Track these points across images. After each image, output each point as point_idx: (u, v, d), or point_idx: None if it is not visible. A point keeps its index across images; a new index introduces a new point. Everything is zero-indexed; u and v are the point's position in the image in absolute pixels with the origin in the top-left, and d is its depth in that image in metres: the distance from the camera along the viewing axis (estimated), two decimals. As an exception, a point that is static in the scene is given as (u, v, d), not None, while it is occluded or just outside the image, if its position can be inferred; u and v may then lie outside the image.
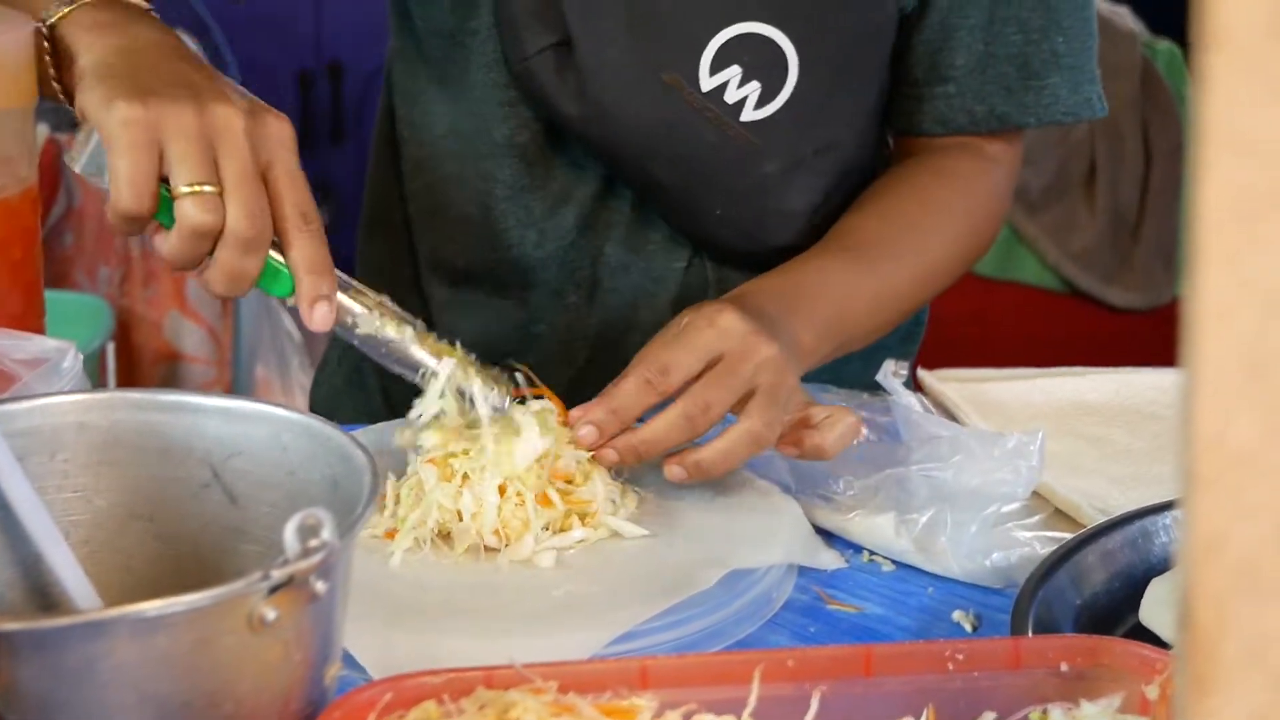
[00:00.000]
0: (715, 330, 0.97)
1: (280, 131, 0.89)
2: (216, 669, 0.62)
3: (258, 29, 3.20)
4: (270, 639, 0.63)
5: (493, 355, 1.07)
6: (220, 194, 0.86)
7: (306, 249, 0.89)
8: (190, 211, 0.86)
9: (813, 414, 1.00)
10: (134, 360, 2.65)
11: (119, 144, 0.85)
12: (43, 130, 2.61)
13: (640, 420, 0.96)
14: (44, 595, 0.74)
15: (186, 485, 0.77)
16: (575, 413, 0.96)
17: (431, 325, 1.30)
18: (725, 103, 1.15)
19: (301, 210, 0.89)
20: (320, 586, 0.63)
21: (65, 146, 2.68)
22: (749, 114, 1.15)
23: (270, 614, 0.62)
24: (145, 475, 0.77)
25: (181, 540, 0.78)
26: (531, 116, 1.19)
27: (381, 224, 1.32)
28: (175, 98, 0.87)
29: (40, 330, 0.98)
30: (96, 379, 2.36)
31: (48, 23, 0.93)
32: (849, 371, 1.31)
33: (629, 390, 0.96)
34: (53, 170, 2.55)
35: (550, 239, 1.22)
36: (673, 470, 0.97)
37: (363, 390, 1.34)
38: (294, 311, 0.91)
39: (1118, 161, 2.83)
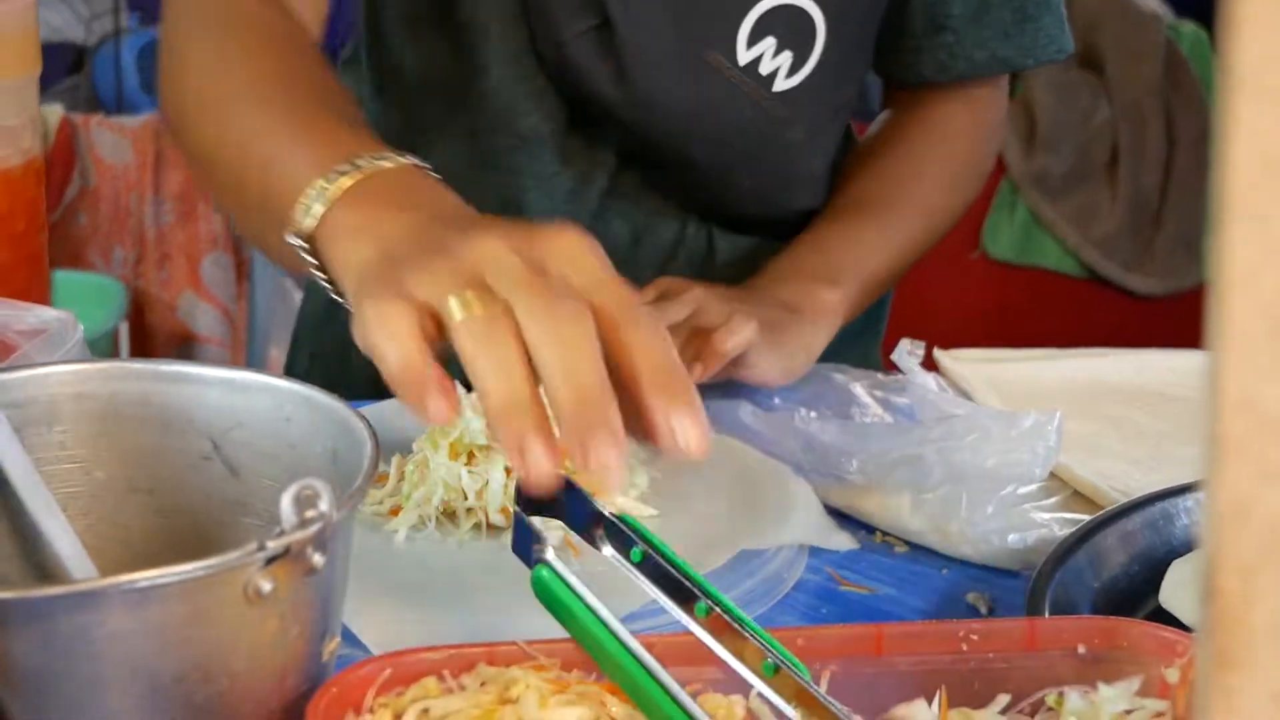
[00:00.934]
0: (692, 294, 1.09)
1: (566, 245, 0.70)
2: (211, 642, 0.60)
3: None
4: (266, 612, 0.61)
5: None
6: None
7: (643, 343, 0.67)
8: (456, 315, 0.65)
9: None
10: (148, 341, 2.64)
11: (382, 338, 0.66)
12: (57, 109, 2.60)
13: None
14: (41, 569, 0.72)
15: (187, 457, 0.76)
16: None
17: None
18: (760, 75, 1.15)
19: (622, 303, 0.68)
20: (318, 559, 0.62)
21: (81, 126, 2.68)
22: (781, 84, 1.16)
23: (266, 585, 0.60)
24: (145, 447, 0.76)
25: (181, 513, 0.76)
26: (557, 105, 1.17)
27: None
28: (424, 266, 0.67)
29: (44, 303, 0.97)
30: (110, 356, 2.35)
31: (296, 236, 0.78)
32: (853, 346, 1.30)
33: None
34: (67, 149, 2.54)
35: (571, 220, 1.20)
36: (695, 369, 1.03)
37: (348, 366, 1.32)
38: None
39: (1140, 147, 2.81)
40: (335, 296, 0.77)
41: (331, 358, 1.33)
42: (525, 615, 0.82)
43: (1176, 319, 2.84)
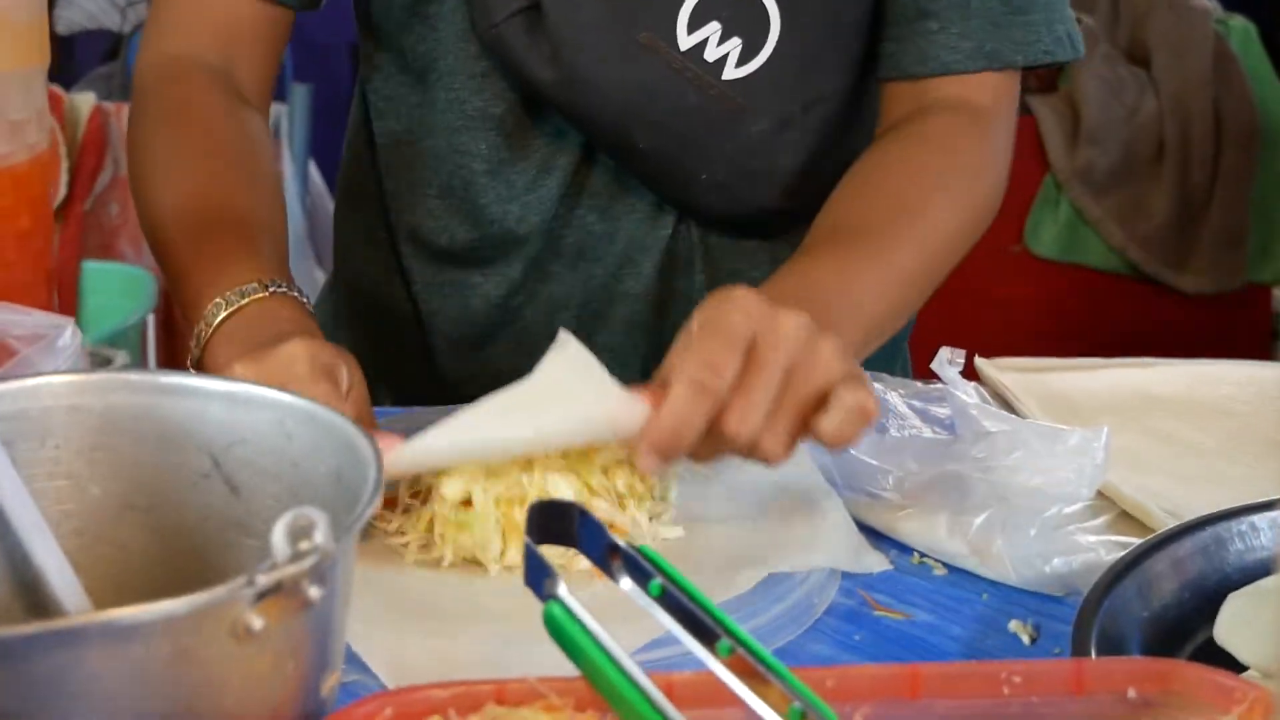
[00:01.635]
0: (736, 310, 0.85)
1: (283, 355, 0.86)
2: (198, 681, 0.56)
3: (309, -3, 3.15)
4: (258, 649, 0.57)
5: (475, 332, 1.02)
6: None
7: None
8: None
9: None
10: (177, 333, 2.61)
11: None
12: (90, 97, 2.57)
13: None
14: (30, 590, 0.69)
15: (185, 474, 0.72)
16: (637, 441, 0.83)
17: (415, 306, 1.27)
18: (705, 61, 1.09)
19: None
20: (314, 592, 0.58)
21: (114, 114, 2.65)
22: (731, 72, 1.10)
23: (257, 623, 0.56)
24: (142, 463, 0.72)
25: (180, 533, 0.73)
26: (506, 87, 1.14)
27: (358, 199, 1.28)
28: None
29: (49, 303, 0.94)
30: (138, 350, 2.33)
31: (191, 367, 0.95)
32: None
33: (680, 404, 0.82)
34: (99, 137, 2.51)
35: (533, 212, 1.17)
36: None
37: None
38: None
39: (1187, 142, 2.75)
40: None
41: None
42: (541, 643, 0.78)
43: (1222, 319, 2.79)
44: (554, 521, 0.67)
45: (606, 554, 0.66)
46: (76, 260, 2.40)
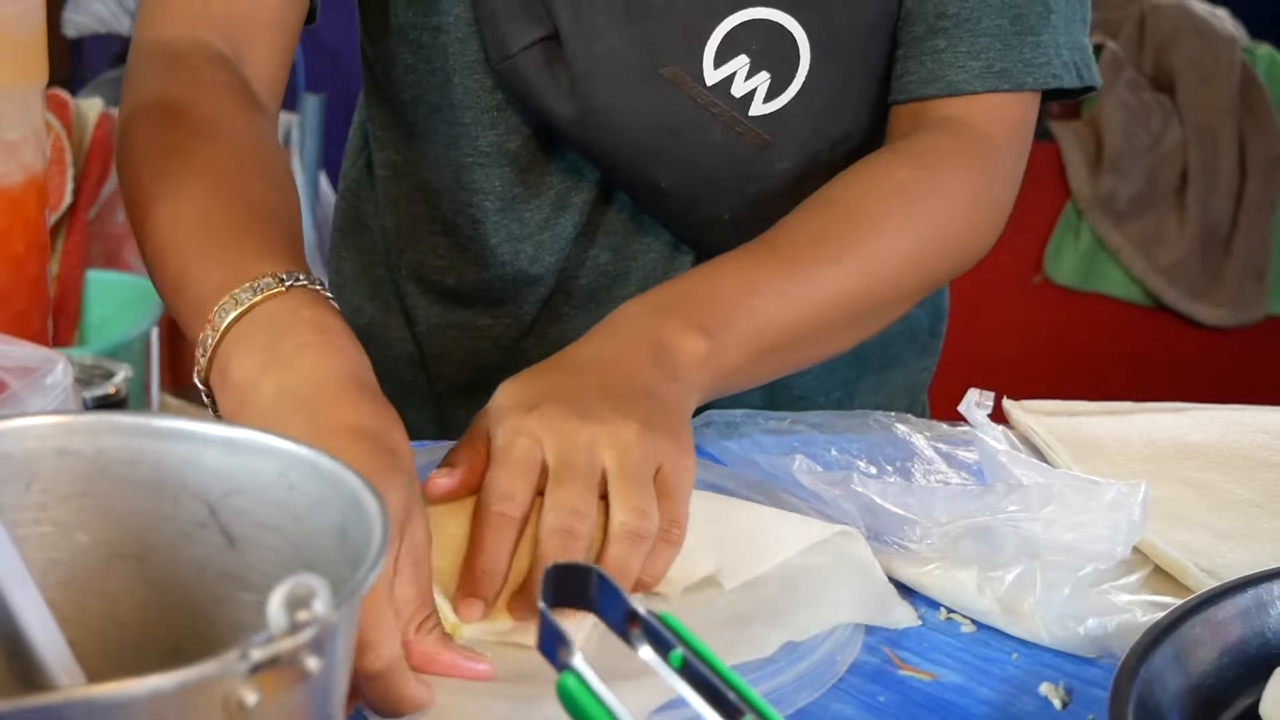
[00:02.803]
0: (526, 436, 0.83)
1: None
2: (186, 760, 0.52)
3: (323, 4, 3.12)
4: (251, 724, 0.53)
5: (482, 376, 0.97)
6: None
7: (415, 654, 0.76)
8: None
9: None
10: (182, 344, 2.57)
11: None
12: (97, 103, 2.54)
13: None
14: (12, 644, 0.65)
15: (179, 523, 0.68)
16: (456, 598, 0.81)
17: (417, 346, 1.21)
18: (733, 97, 1.04)
19: (410, 605, 0.75)
20: (313, 664, 0.54)
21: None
22: (758, 108, 1.05)
23: (251, 698, 0.52)
24: (133, 510, 0.68)
25: (173, 585, 0.69)
26: (521, 121, 1.09)
27: (356, 232, 1.23)
28: None
29: (44, 331, 0.90)
30: (141, 363, 2.29)
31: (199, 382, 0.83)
32: (863, 386, 1.21)
33: (485, 540, 0.81)
34: (105, 145, 2.47)
35: (546, 252, 1.12)
36: None
37: None
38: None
39: (1211, 171, 2.71)
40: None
41: None
42: (558, 702, 0.75)
43: (1244, 352, 2.75)
44: (570, 585, 0.63)
45: (625, 621, 0.62)
46: (80, 270, 2.36)
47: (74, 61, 3.17)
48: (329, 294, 0.84)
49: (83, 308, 2.37)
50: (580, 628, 0.76)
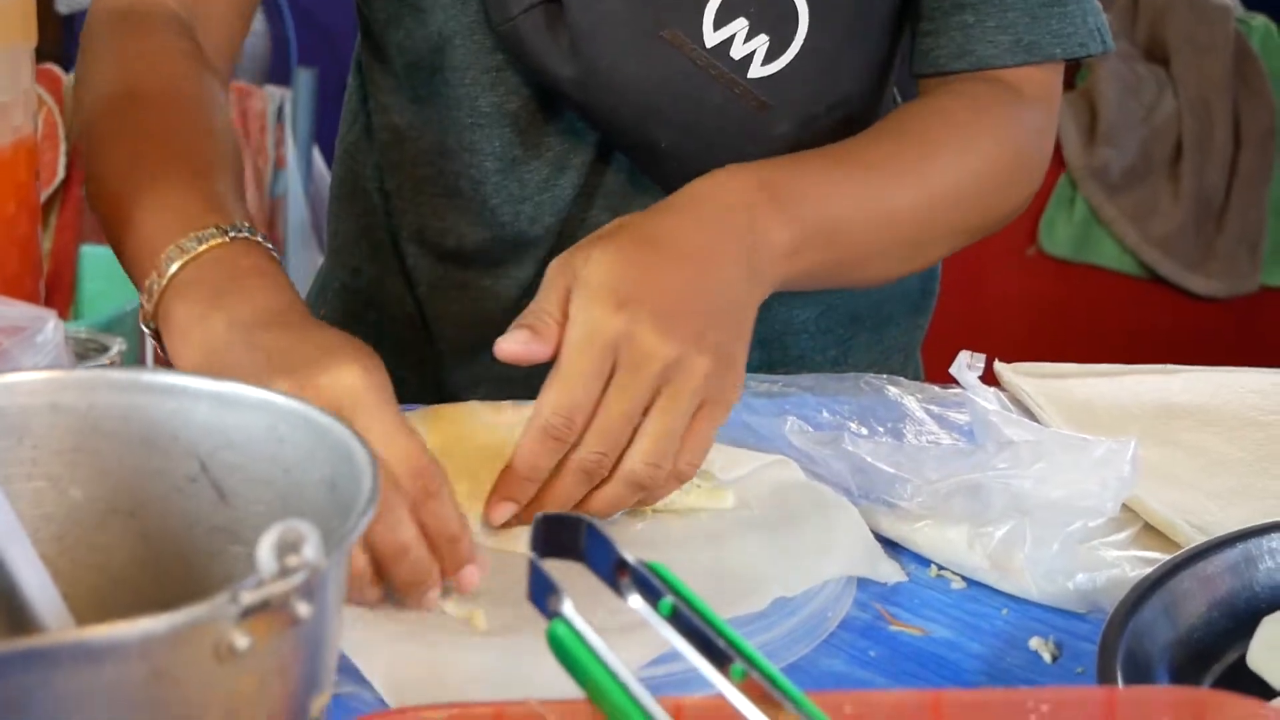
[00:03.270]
0: (599, 339, 0.84)
1: (345, 391, 0.77)
2: (177, 704, 0.53)
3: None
4: (242, 670, 0.54)
5: (482, 335, 0.98)
6: None
7: (437, 519, 0.78)
8: None
9: None
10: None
11: None
12: (91, 80, 2.54)
13: None
14: (7, 598, 0.65)
15: (171, 478, 0.68)
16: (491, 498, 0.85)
17: (419, 309, 1.22)
18: (731, 59, 1.05)
19: (411, 470, 0.78)
20: (303, 609, 0.54)
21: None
22: (757, 70, 1.06)
23: (242, 642, 0.53)
24: (125, 465, 0.68)
25: (166, 539, 0.69)
26: (521, 82, 1.10)
27: (355, 196, 1.23)
28: None
29: (35, 294, 0.90)
30: (135, 337, 2.30)
31: (145, 325, 0.88)
32: (857, 344, 1.22)
33: (529, 450, 0.84)
34: (98, 121, 2.48)
35: (546, 212, 1.13)
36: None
37: None
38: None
39: (1205, 143, 2.71)
40: None
41: None
42: (549, 655, 0.75)
43: (1238, 323, 2.75)
44: (560, 535, 0.63)
45: (615, 570, 0.62)
46: (74, 245, 2.36)
47: (66, 38, 3.16)
48: (269, 245, 0.89)
49: (77, 282, 2.37)
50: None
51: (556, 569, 0.62)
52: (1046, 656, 0.83)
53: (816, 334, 1.21)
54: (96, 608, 0.68)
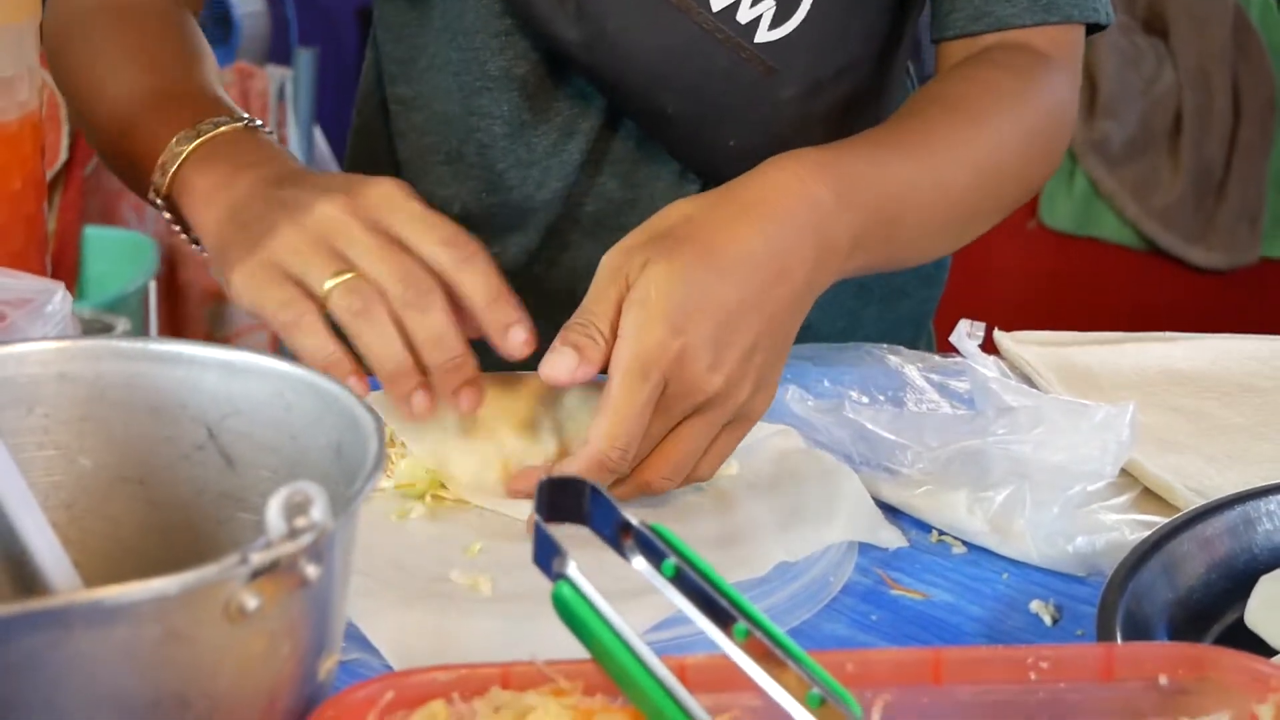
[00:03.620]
0: (656, 369, 0.82)
1: (382, 196, 0.83)
2: (188, 664, 0.54)
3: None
4: (252, 630, 0.55)
5: None
6: (361, 276, 0.81)
7: (473, 281, 0.82)
8: (340, 302, 0.80)
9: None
10: (180, 299, 2.58)
11: (288, 328, 0.81)
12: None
13: None
14: (17, 566, 0.66)
15: (179, 446, 0.69)
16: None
17: None
18: (738, 23, 1.06)
19: (446, 245, 0.82)
20: (311, 571, 0.55)
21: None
22: (763, 35, 1.06)
23: (251, 602, 0.54)
24: (134, 433, 0.69)
25: (174, 506, 0.70)
26: (529, 46, 1.11)
27: (366, 168, 1.24)
28: (276, 231, 0.82)
29: (42, 269, 0.91)
30: (139, 316, 2.31)
31: (157, 199, 0.92)
32: (866, 316, 1.22)
33: (585, 474, 0.81)
34: (100, 102, 2.49)
35: (554, 177, 1.13)
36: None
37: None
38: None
39: (1205, 115, 2.71)
40: (196, 248, 0.92)
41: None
42: (552, 620, 0.76)
43: (1238, 294, 2.75)
44: (564, 498, 0.64)
45: (618, 532, 0.63)
46: (77, 226, 2.37)
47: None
48: (273, 134, 0.94)
49: (80, 263, 2.37)
50: None
51: (562, 537, 0.62)
52: (1047, 619, 0.84)
53: (825, 304, 1.21)
54: (106, 574, 0.68)
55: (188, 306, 2.58)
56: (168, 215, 0.92)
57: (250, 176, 0.87)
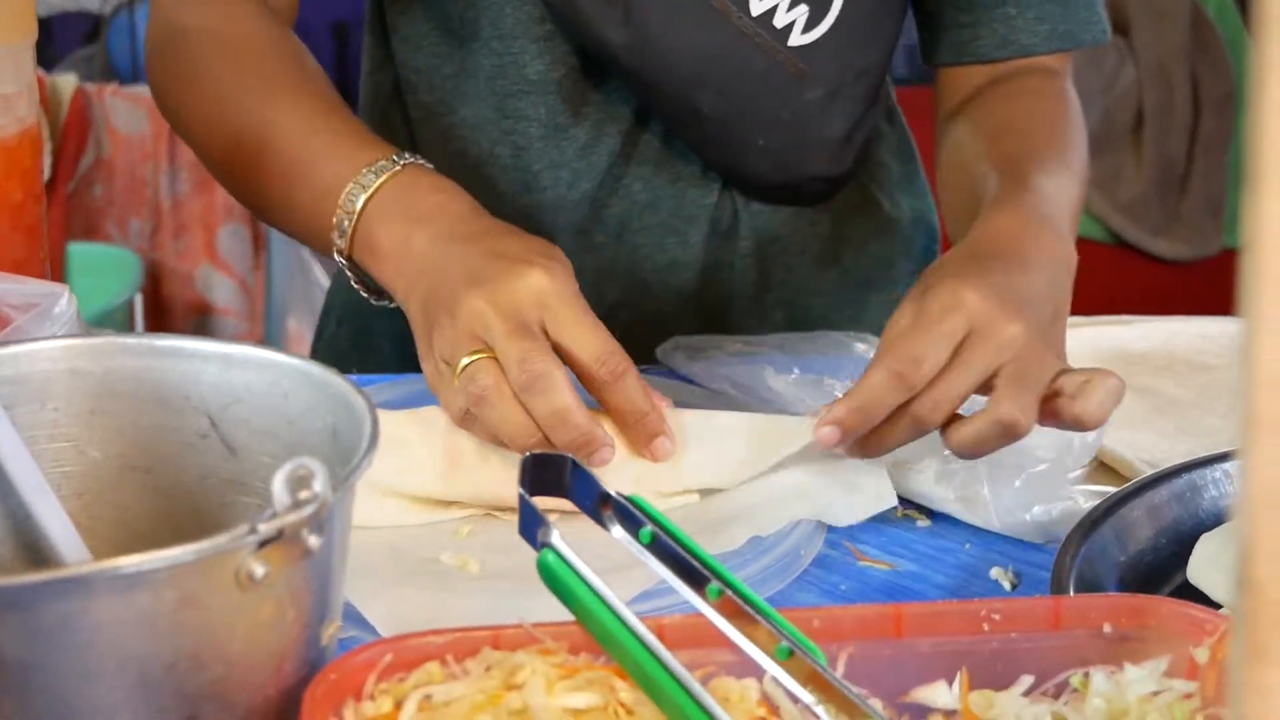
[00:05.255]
0: (959, 312, 0.88)
1: (531, 292, 0.87)
2: (203, 628, 0.58)
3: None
4: (261, 597, 0.59)
5: None
6: (493, 357, 0.86)
7: (622, 399, 0.88)
8: (468, 380, 0.86)
9: (1064, 383, 0.90)
10: (164, 313, 2.62)
11: (479, 407, 0.86)
12: (72, 79, 2.58)
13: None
14: (34, 551, 0.71)
15: (184, 435, 0.73)
16: (822, 412, 0.89)
17: None
18: (774, 27, 1.12)
19: (596, 357, 0.87)
20: (313, 541, 0.59)
21: (96, 97, 2.66)
22: (796, 38, 1.13)
23: (259, 570, 0.58)
24: (141, 425, 0.74)
25: (179, 493, 0.74)
26: (568, 50, 1.15)
27: None
28: (437, 329, 0.88)
29: (43, 276, 0.95)
30: (126, 327, 2.34)
31: (343, 259, 0.97)
32: (871, 304, 1.27)
33: (875, 385, 0.88)
34: (82, 120, 2.52)
35: (584, 178, 1.18)
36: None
37: (370, 350, 1.30)
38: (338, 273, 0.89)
39: (1166, 111, 2.77)
40: (375, 299, 0.99)
41: (356, 325, 1.32)
42: (538, 596, 0.80)
43: (1203, 284, 2.81)
44: (547, 472, 0.69)
45: (598, 504, 0.68)
46: (62, 242, 2.41)
47: (44, 39, 3.20)
48: (428, 164, 0.98)
49: (66, 279, 2.41)
50: None
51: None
52: (1006, 585, 0.89)
53: (835, 294, 1.28)
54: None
55: (173, 320, 2.62)
56: (350, 272, 0.98)
57: (424, 233, 0.92)
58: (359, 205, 0.95)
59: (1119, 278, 2.80)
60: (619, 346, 0.88)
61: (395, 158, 0.96)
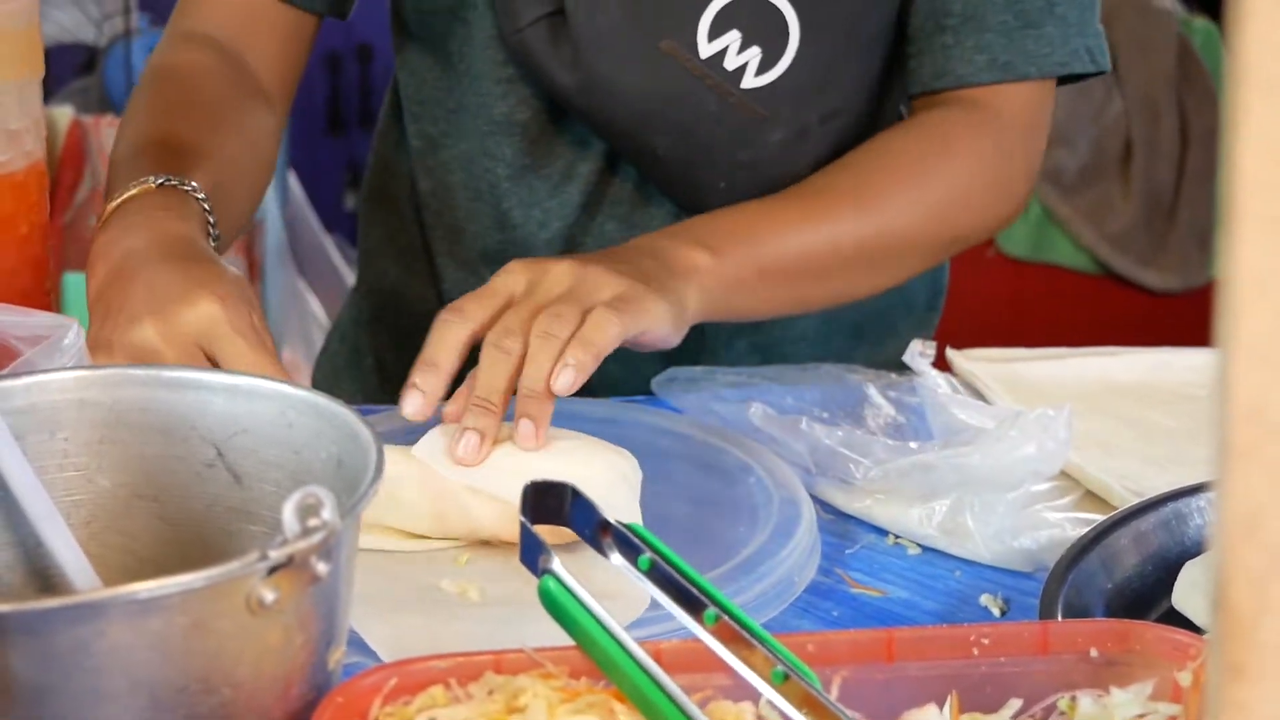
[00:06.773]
0: (500, 276, 0.96)
1: (201, 318, 0.88)
2: (213, 653, 0.60)
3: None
4: (270, 622, 0.61)
5: None
6: None
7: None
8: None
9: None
10: (160, 343, 2.63)
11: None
12: (68, 111, 2.60)
13: None
14: (44, 578, 0.72)
15: (190, 464, 0.75)
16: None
17: (443, 307, 1.29)
18: (725, 69, 1.12)
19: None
20: (321, 567, 0.61)
21: (92, 128, 2.67)
22: (750, 81, 1.12)
23: (269, 596, 0.60)
24: (149, 454, 0.75)
25: (186, 521, 0.76)
26: (531, 93, 1.17)
27: (385, 202, 1.30)
28: (110, 350, 0.89)
29: (49, 307, 0.96)
30: (122, 362, 2.35)
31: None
32: (860, 350, 1.29)
33: (433, 334, 0.94)
34: (78, 151, 2.53)
35: (555, 218, 1.20)
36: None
37: (359, 369, 1.32)
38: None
39: (1153, 142, 2.79)
40: None
41: (352, 344, 1.35)
42: (536, 622, 0.82)
43: (1192, 315, 2.83)
44: (547, 501, 0.70)
45: (597, 531, 0.69)
46: (58, 272, 2.42)
47: (41, 72, 3.21)
48: (201, 196, 0.98)
49: (62, 309, 2.42)
50: None
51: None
52: (996, 611, 0.90)
53: (817, 342, 1.28)
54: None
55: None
56: None
57: (126, 245, 0.93)
58: (109, 208, 0.96)
59: (1107, 308, 2.82)
60: (284, 373, 0.88)
61: (155, 178, 0.97)
